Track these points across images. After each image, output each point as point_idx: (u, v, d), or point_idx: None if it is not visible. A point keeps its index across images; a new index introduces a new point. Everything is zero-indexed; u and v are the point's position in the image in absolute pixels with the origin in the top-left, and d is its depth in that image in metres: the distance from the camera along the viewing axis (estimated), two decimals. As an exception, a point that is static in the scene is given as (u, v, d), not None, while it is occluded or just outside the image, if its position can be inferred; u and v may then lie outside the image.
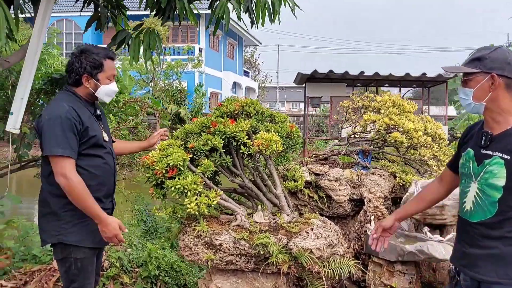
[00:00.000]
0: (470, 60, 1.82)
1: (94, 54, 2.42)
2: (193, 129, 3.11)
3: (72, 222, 2.34)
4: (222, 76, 26.81)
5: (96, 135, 2.44)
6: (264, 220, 3.09)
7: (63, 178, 2.24)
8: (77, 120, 2.31)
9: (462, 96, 1.85)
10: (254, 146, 2.95)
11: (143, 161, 2.98)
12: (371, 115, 3.72)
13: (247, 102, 3.18)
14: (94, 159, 2.42)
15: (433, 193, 2.20)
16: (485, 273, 1.77)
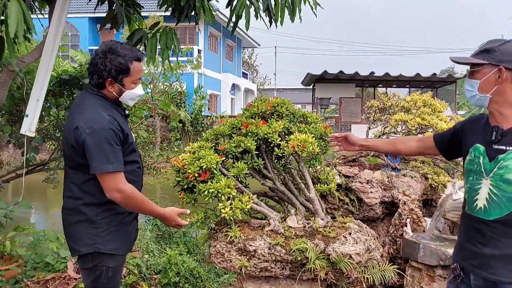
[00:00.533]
0: (479, 51, 1.81)
1: (121, 56, 2.25)
2: (224, 131, 3.05)
3: (109, 230, 2.26)
4: (221, 78, 26.79)
5: (133, 141, 2.36)
6: (298, 225, 3.03)
7: (118, 194, 2.16)
8: (119, 129, 2.21)
9: (468, 87, 1.84)
10: (288, 148, 2.89)
11: (173, 164, 2.91)
12: (402, 115, 3.67)
13: (278, 103, 3.12)
14: (131, 165, 2.34)
15: (405, 144, 2.27)
16: (501, 273, 1.73)
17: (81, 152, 2.16)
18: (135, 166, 2.37)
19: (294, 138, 2.89)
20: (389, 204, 3.70)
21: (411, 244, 2.99)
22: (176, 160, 2.88)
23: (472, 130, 1.96)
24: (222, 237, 2.93)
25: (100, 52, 2.27)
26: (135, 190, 2.22)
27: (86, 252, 2.26)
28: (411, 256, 2.98)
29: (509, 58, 1.72)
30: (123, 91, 2.31)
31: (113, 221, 2.26)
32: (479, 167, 1.81)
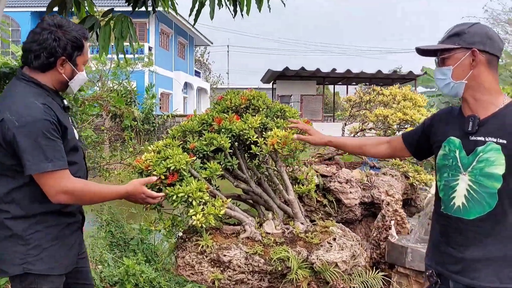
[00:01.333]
0: (447, 36, 1.72)
1: (74, 31, 1.94)
2: (193, 127, 2.77)
3: (41, 246, 1.92)
4: (173, 76, 26.22)
5: (73, 137, 2.03)
6: (276, 230, 2.80)
7: (65, 195, 1.84)
8: (55, 120, 1.88)
9: (439, 76, 1.74)
10: (267, 146, 2.66)
11: (135, 165, 2.61)
12: (382, 109, 3.52)
13: (254, 95, 2.88)
14: (71, 167, 1.97)
15: (374, 147, 2.15)
16: (485, 278, 1.61)
17: (10, 151, 1.82)
18: (76, 168, 2.02)
19: (273, 134, 2.66)
20: (368, 205, 3.54)
21: (398, 248, 2.83)
22: (138, 160, 2.58)
23: (443, 122, 1.84)
24: (192, 247, 2.66)
25: (48, 25, 1.91)
26: (85, 184, 1.92)
27: (15, 273, 1.90)
28: (398, 261, 2.82)
29: (481, 40, 1.65)
30: (75, 73, 1.99)
31: (47, 236, 1.93)
32: (455, 162, 1.69)
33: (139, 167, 2.55)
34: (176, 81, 26.76)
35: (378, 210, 3.62)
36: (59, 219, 1.97)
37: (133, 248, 5.28)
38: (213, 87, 37.29)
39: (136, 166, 2.59)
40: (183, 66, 28.75)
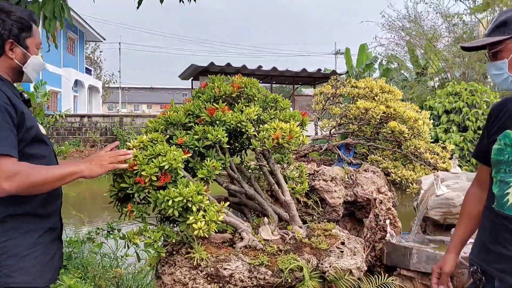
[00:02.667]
0: (494, 27, 1.60)
1: (19, 11, 1.82)
2: (179, 119, 2.36)
3: (18, 255, 1.69)
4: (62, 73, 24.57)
5: (34, 125, 1.78)
6: (274, 236, 2.49)
7: (9, 183, 1.56)
8: (8, 104, 1.66)
9: (495, 72, 1.63)
10: (269, 140, 2.33)
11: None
12: (363, 102, 3.34)
13: (246, 83, 2.53)
14: (36, 161, 1.74)
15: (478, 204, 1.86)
16: None
17: None
18: (43, 162, 1.78)
19: (275, 126, 2.34)
20: (350, 203, 3.36)
21: (401, 250, 2.66)
22: (118, 158, 2.11)
23: (499, 116, 1.70)
24: (183, 261, 2.26)
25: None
26: (31, 166, 1.65)
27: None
28: (401, 263, 2.65)
29: None
30: (27, 57, 1.82)
31: (23, 243, 1.71)
32: (511, 157, 1.57)
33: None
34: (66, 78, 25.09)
35: (358, 209, 3.45)
36: (37, 223, 1.74)
37: (76, 264, 4.66)
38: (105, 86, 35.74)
39: (114, 166, 2.13)
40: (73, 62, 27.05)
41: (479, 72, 16.75)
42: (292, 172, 2.84)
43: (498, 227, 1.60)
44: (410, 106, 3.41)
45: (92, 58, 35.87)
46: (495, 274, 1.59)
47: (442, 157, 3.33)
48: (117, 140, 20.20)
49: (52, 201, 1.84)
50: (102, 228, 4.77)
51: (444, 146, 3.50)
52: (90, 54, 35.15)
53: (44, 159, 1.79)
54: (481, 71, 16.75)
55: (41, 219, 1.75)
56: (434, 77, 18.53)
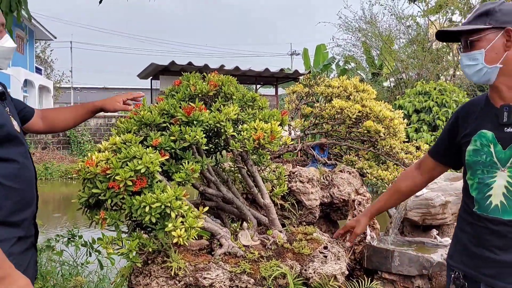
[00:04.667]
0: (475, 16, 1.59)
1: None
2: (153, 119, 2.23)
3: None
4: (10, 73, 23.64)
5: (4, 124, 1.62)
6: (254, 242, 2.40)
7: None
8: None
9: (468, 62, 1.60)
10: (249, 141, 2.24)
11: (81, 169, 2.00)
12: (338, 101, 3.30)
13: (224, 81, 2.43)
14: (5, 165, 1.61)
15: (410, 183, 1.97)
16: None
17: None
18: (15, 166, 1.65)
19: (256, 126, 2.25)
20: (326, 205, 3.31)
21: (382, 252, 2.63)
22: (88, 162, 1.98)
23: (470, 116, 1.70)
24: (159, 271, 2.14)
25: None
26: None
27: None
28: (382, 266, 2.62)
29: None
30: None
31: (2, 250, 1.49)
32: (490, 157, 1.56)
33: (90, 171, 1.96)
34: (15, 78, 24.14)
35: (334, 210, 3.41)
36: (7, 232, 1.59)
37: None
38: (56, 86, 34.72)
39: (83, 171, 1.99)
40: (22, 61, 26.08)
41: (433, 72, 17.27)
42: (270, 173, 2.76)
43: (482, 230, 1.59)
44: (384, 105, 3.41)
45: (43, 57, 34.73)
46: (482, 279, 1.57)
47: (417, 157, 3.34)
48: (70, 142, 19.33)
49: (23, 208, 1.69)
50: (62, 235, 4.55)
51: (418, 145, 3.53)
52: (40, 53, 34.03)
53: (12, 162, 1.64)
54: (434, 71, 17.29)
55: (12, 228, 1.61)
56: (389, 77, 18.97)
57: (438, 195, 2.79)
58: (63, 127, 2.18)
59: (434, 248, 2.72)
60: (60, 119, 2.14)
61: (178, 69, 17.11)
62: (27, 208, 1.71)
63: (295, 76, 19.51)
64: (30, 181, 1.76)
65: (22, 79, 25.08)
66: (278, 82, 19.76)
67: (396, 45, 20.17)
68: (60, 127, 2.16)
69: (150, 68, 17.61)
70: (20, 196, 1.67)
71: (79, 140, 21.01)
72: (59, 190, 14.64)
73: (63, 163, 17.00)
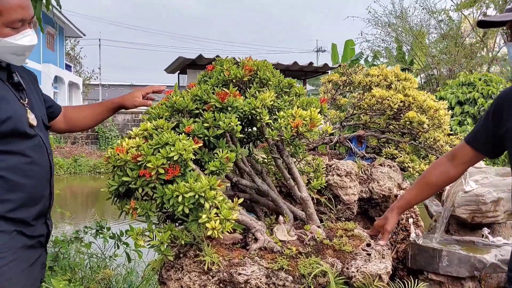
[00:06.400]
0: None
1: None
2: (186, 104, 2.14)
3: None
4: (41, 69, 24.09)
5: (10, 116, 1.58)
6: (291, 237, 2.28)
7: None
8: None
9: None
10: (287, 129, 2.12)
11: (112, 156, 1.92)
12: (378, 90, 3.15)
13: (259, 65, 2.32)
14: (9, 158, 1.59)
15: (443, 175, 1.87)
16: None
17: None
18: (21, 160, 1.62)
19: (294, 114, 2.13)
20: (365, 201, 3.16)
21: (429, 251, 2.48)
22: (118, 149, 1.89)
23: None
24: (191, 265, 2.05)
25: None
26: None
27: None
28: (428, 266, 2.47)
29: None
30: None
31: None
32: None
33: (120, 158, 1.87)
34: (46, 74, 24.63)
35: (372, 206, 3.26)
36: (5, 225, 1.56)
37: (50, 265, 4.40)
38: (86, 83, 35.37)
39: (113, 158, 1.90)
40: (53, 58, 26.62)
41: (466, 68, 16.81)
42: (306, 166, 2.64)
43: None
44: (427, 95, 3.23)
45: (72, 54, 35.48)
46: None
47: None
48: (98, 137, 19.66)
49: (29, 205, 1.66)
50: (90, 226, 4.54)
51: (464, 138, 3.33)
52: (69, 50, 34.75)
53: (19, 155, 1.61)
54: (468, 67, 16.82)
55: (13, 223, 1.58)
56: (420, 74, 18.56)
57: (490, 191, 2.62)
58: (82, 126, 2.17)
59: (486, 248, 2.55)
60: (79, 118, 2.12)
61: (205, 63, 17.10)
62: (33, 205, 1.65)
63: (324, 70, 19.37)
64: (40, 177, 1.69)
65: (52, 76, 25.64)
66: (307, 76, 19.61)
67: (427, 40, 19.79)
68: (79, 126, 2.15)
69: (177, 62, 17.64)
70: (25, 192, 1.61)
71: (107, 135, 21.31)
72: (88, 184, 14.86)
73: (91, 158, 17.26)
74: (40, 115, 1.75)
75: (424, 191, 1.97)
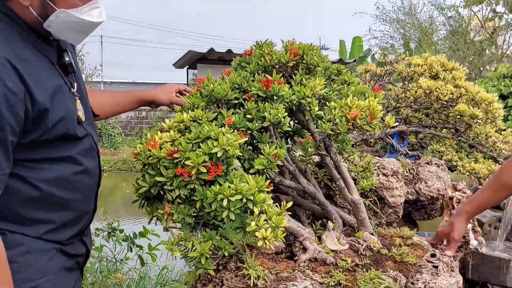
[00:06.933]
0: None
1: None
2: (226, 93, 1.86)
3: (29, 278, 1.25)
4: None
5: (62, 117, 1.29)
6: (342, 246, 2.00)
7: None
8: (16, 92, 1.13)
9: None
10: (342, 122, 1.84)
11: (142, 152, 1.65)
12: (426, 80, 2.87)
13: (305, 48, 2.04)
14: (60, 167, 1.31)
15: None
16: None
17: None
18: (72, 170, 1.34)
19: (350, 104, 1.85)
20: (409, 203, 2.88)
21: (494, 261, 2.20)
22: (150, 143, 1.62)
23: None
24: (233, 280, 1.78)
25: None
26: None
27: None
28: (493, 278, 2.19)
29: None
30: (50, 10, 1.23)
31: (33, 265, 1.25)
32: None
33: (153, 156, 1.59)
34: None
35: (417, 209, 2.98)
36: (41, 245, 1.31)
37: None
38: (88, 80, 35.29)
39: (144, 155, 1.63)
40: (54, 56, 26.51)
41: (476, 65, 16.49)
42: (351, 164, 2.36)
43: None
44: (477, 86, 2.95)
45: (73, 51, 35.29)
46: None
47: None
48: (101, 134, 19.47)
49: (72, 224, 1.41)
50: (101, 229, 4.28)
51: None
52: (71, 47, 34.55)
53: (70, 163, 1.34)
54: (478, 64, 16.47)
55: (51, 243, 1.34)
56: (429, 70, 18.28)
57: (561, 193, 2.34)
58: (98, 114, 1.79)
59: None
60: (97, 105, 1.73)
61: (217, 57, 16.67)
62: (75, 224, 1.36)
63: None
64: (88, 189, 1.41)
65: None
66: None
67: (436, 37, 19.53)
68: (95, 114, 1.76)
69: (187, 57, 17.14)
70: (70, 210, 1.33)
71: (110, 132, 21.07)
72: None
73: (95, 156, 17.00)
74: (88, 103, 1.46)
75: (499, 193, 1.83)
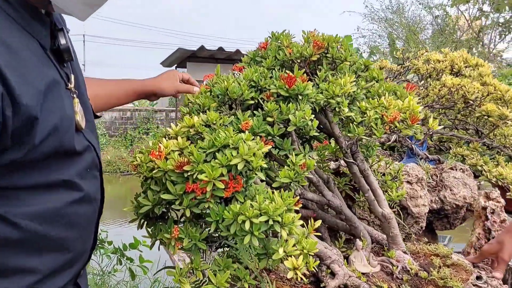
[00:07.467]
0: None
1: None
2: (242, 92, 1.59)
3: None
4: None
5: (56, 126, 0.90)
6: (373, 268, 1.75)
7: None
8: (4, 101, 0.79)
9: None
10: (377, 124, 1.58)
11: (143, 163, 1.37)
12: (450, 78, 2.63)
13: (330, 41, 1.77)
14: (50, 196, 0.94)
15: None
16: None
17: None
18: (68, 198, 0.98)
19: (386, 104, 1.60)
20: (432, 212, 2.64)
21: (540, 281, 1.97)
22: (154, 154, 1.34)
23: None
24: (252, 313, 1.50)
25: None
26: None
27: None
28: (540, 300, 1.96)
29: None
30: None
31: None
32: None
33: (159, 168, 1.32)
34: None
35: (439, 218, 2.74)
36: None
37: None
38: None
39: (145, 166, 1.36)
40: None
41: (465, 64, 16.42)
42: (378, 172, 2.11)
43: None
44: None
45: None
46: None
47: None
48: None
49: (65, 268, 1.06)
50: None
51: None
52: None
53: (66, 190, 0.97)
54: (466, 64, 16.45)
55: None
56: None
57: None
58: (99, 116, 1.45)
59: None
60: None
61: (207, 55, 16.15)
62: (68, 268, 1.03)
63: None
64: (87, 221, 1.06)
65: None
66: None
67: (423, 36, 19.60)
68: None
69: (176, 55, 16.56)
70: (63, 252, 0.99)
71: (94, 133, 20.61)
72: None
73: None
74: (87, 101, 1.13)
75: None
